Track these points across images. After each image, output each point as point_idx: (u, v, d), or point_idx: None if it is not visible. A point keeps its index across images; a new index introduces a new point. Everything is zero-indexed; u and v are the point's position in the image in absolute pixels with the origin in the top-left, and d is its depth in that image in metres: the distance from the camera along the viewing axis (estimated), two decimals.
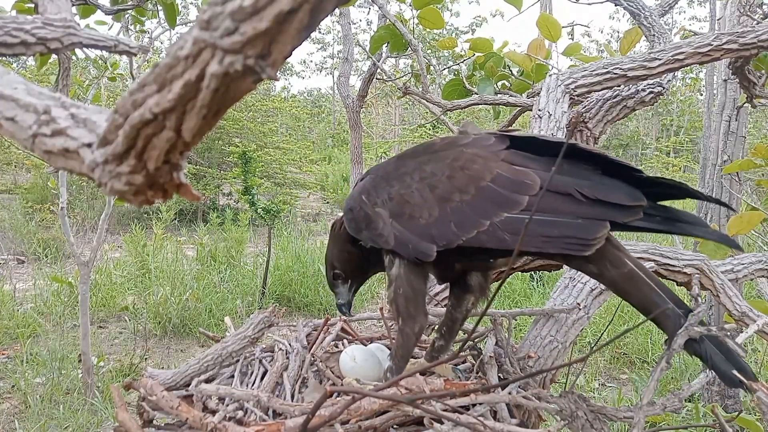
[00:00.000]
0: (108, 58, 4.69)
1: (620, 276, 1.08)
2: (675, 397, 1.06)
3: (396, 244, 1.14)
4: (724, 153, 4.95)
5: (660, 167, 17.09)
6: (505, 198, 1.05)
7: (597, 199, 1.02)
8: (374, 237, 1.18)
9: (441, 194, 1.10)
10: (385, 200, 1.17)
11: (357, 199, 1.22)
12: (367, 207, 1.19)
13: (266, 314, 1.43)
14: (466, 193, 1.08)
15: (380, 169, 1.26)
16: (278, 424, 1.05)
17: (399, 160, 1.24)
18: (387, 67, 7.98)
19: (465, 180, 1.09)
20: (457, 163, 1.12)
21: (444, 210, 1.09)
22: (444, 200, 1.10)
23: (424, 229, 1.11)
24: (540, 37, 2.53)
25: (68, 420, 4.46)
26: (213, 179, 13.13)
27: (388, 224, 1.15)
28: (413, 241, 1.11)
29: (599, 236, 1.00)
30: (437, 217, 1.10)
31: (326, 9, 0.43)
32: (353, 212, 1.22)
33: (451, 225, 1.08)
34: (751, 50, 1.68)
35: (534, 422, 1.40)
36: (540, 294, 7.37)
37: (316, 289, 7.74)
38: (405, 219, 1.13)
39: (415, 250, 1.11)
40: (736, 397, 4.84)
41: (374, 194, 1.19)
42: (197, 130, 0.50)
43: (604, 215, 1.01)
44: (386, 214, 1.16)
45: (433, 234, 1.10)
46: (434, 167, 1.14)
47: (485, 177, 1.08)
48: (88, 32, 1.34)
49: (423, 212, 1.11)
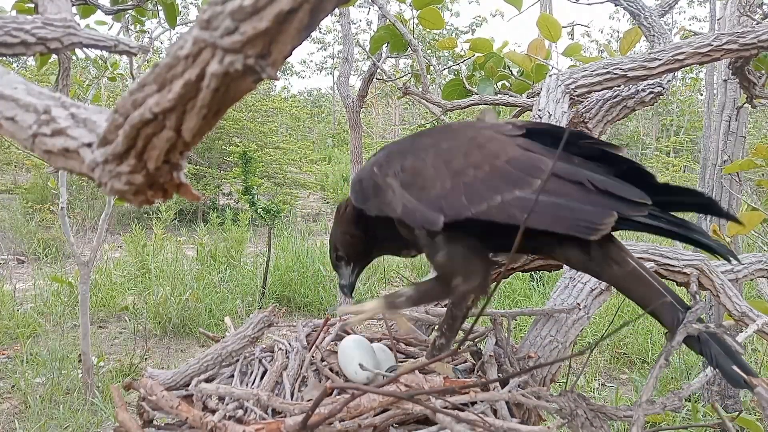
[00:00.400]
0: (108, 58, 4.69)
1: (623, 274, 1.10)
2: (675, 397, 1.06)
3: (403, 212, 1.13)
4: (724, 153, 4.96)
5: (660, 167, 17.09)
6: (519, 177, 1.06)
7: (606, 190, 1.04)
8: (381, 205, 1.17)
9: (455, 168, 1.11)
10: (397, 171, 1.16)
11: (368, 170, 1.22)
12: (378, 177, 1.18)
13: (266, 314, 1.43)
14: (481, 170, 1.09)
15: (395, 145, 1.25)
16: (278, 423, 1.05)
17: (415, 137, 1.24)
18: (387, 67, 7.98)
19: (480, 157, 1.10)
20: (474, 142, 1.13)
21: (457, 183, 1.10)
22: (458, 174, 1.10)
23: (434, 200, 1.11)
24: (540, 37, 2.53)
25: (68, 420, 4.46)
26: (213, 179, 13.13)
27: (398, 194, 1.15)
28: (420, 209, 1.11)
29: (606, 222, 1.01)
30: (449, 189, 1.10)
31: (326, 9, 0.43)
32: (362, 183, 1.22)
33: (462, 198, 1.08)
34: (751, 50, 1.68)
35: (534, 421, 1.40)
36: (540, 294, 7.37)
37: (316, 289, 7.75)
38: (416, 189, 1.13)
39: (422, 218, 1.11)
40: (736, 397, 4.85)
41: (386, 166, 1.19)
42: (197, 129, 0.50)
43: (612, 206, 1.03)
44: (397, 184, 1.15)
45: (442, 205, 1.10)
46: (450, 144, 1.15)
47: (500, 156, 1.09)
48: (88, 32, 1.34)
49: (435, 184, 1.11)
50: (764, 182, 2.71)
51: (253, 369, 1.45)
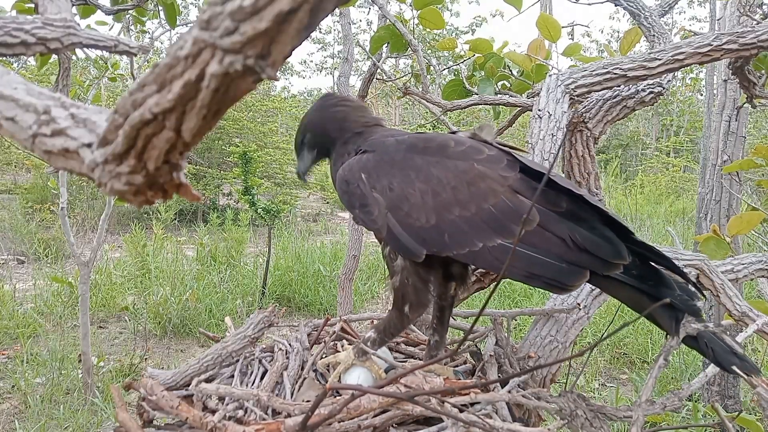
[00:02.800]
0: (108, 58, 4.69)
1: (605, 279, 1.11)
2: (675, 397, 1.06)
3: (388, 236, 1.16)
4: (724, 153, 4.95)
5: (660, 167, 17.09)
6: (503, 226, 1.08)
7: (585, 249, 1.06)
8: (366, 220, 1.19)
9: (442, 203, 1.12)
10: (384, 188, 1.17)
11: (356, 174, 1.22)
12: (365, 187, 1.19)
13: (266, 314, 1.43)
14: (467, 210, 1.11)
15: (385, 151, 1.23)
16: (278, 423, 1.05)
17: (408, 150, 1.21)
18: (387, 67, 7.98)
19: (468, 196, 1.11)
20: (465, 177, 1.13)
21: (441, 220, 1.11)
22: (444, 210, 1.12)
23: (419, 231, 1.13)
24: (540, 37, 2.53)
25: (68, 420, 4.46)
26: (213, 179, 13.13)
27: (383, 214, 1.16)
28: (405, 238, 1.14)
29: (577, 284, 1.07)
30: (434, 225, 1.12)
31: (326, 9, 0.43)
32: (349, 185, 1.22)
33: (445, 236, 1.11)
34: (751, 50, 1.67)
35: (534, 422, 1.40)
36: (540, 294, 7.36)
37: (316, 289, 7.75)
38: (401, 215, 1.15)
39: (405, 248, 1.14)
40: (737, 397, 4.84)
41: (374, 177, 1.19)
42: (197, 130, 0.50)
43: (587, 265, 1.06)
44: (383, 203, 1.17)
45: (425, 238, 1.12)
46: (441, 172, 1.15)
47: (488, 199, 1.10)
48: (88, 32, 1.34)
49: (420, 215, 1.13)
50: (764, 182, 2.71)
51: (253, 369, 1.45)
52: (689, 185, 15.19)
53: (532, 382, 1.40)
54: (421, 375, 1.25)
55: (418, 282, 1.23)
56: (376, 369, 1.36)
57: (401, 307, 1.26)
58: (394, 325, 1.31)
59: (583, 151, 1.98)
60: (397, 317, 1.29)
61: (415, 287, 1.23)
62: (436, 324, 1.39)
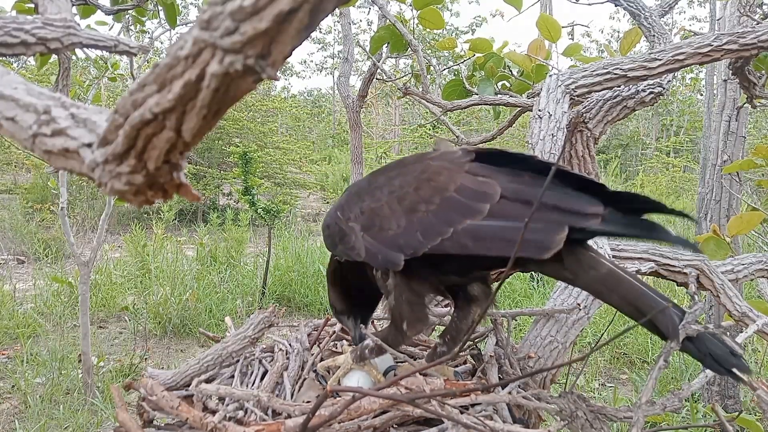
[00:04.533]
0: (108, 58, 4.69)
1: (599, 276, 1.08)
2: (675, 397, 1.06)
3: (367, 255, 1.17)
4: (724, 153, 4.96)
5: (660, 167, 17.09)
6: (468, 207, 1.08)
7: (555, 206, 1.04)
8: (347, 250, 1.22)
9: (408, 206, 1.14)
10: (357, 215, 1.21)
11: (333, 216, 1.27)
12: (342, 222, 1.23)
13: (266, 314, 1.43)
14: (432, 204, 1.12)
15: (354, 186, 1.31)
16: (278, 424, 1.05)
17: (372, 176, 1.28)
18: (387, 67, 7.98)
19: (430, 191, 1.13)
20: (424, 176, 1.16)
21: (411, 220, 1.13)
22: (411, 211, 1.13)
23: (393, 239, 1.14)
24: (540, 37, 2.53)
25: (68, 420, 4.46)
26: (213, 179, 13.13)
27: (360, 238, 1.19)
28: (382, 251, 1.15)
29: (557, 238, 1.01)
30: (405, 227, 1.13)
31: (326, 9, 0.43)
32: (329, 228, 1.27)
33: (417, 234, 1.11)
34: (751, 50, 1.67)
35: (534, 422, 1.40)
36: (540, 294, 7.37)
37: (316, 289, 7.75)
38: (375, 231, 1.17)
39: (384, 260, 1.15)
40: (737, 397, 4.84)
41: (347, 210, 1.23)
42: (197, 130, 0.50)
43: (563, 220, 1.03)
44: (358, 227, 1.20)
45: (400, 243, 1.13)
46: (402, 180, 1.18)
47: (449, 188, 1.11)
48: (88, 32, 1.34)
49: (392, 223, 1.15)
50: (764, 182, 2.70)
51: (253, 369, 1.45)
52: (689, 185, 15.20)
53: (533, 383, 1.40)
54: (421, 377, 1.25)
55: (411, 296, 1.23)
56: (375, 373, 1.36)
57: (399, 324, 1.27)
58: (393, 340, 1.32)
59: (584, 151, 1.98)
60: (395, 333, 1.30)
61: (409, 302, 1.23)
62: (448, 339, 1.38)
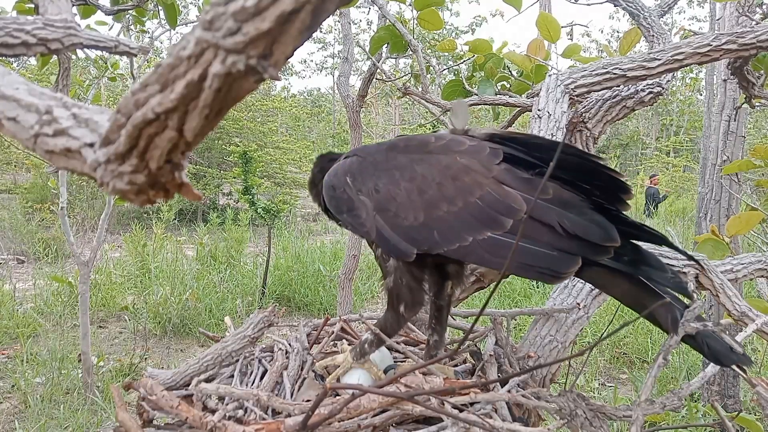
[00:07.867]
0: (108, 58, 4.69)
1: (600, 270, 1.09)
2: (674, 396, 1.06)
3: (377, 238, 1.16)
4: (723, 153, 4.96)
5: (660, 167, 17.09)
6: (491, 218, 1.08)
7: (575, 234, 1.05)
8: (355, 224, 1.19)
9: (429, 200, 1.12)
10: (370, 191, 1.17)
11: (341, 179, 1.22)
12: (351, 191, 1.19)
13: (266, 314, 1.43)
14: (454, 205, 1.10)
15: (368, 154, 1.25)
16: (278, 423, 1.05)
17: (390, 150, 1.23)
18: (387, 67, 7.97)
19: (454, 191, 1.11)
20: (449, 172, 1.13)
21: (430, 217, 1.11)
22: (431, 207, 1.12)
23: (408, 231, 1.13)
24: (539, 37, 2.53)
25: (68, 420, 4.46)
26: (213, 179, 13.14)
27: (371, 216, 1.16)
28: (395, 239, 1.14)
29: (570, 271, 1.05)
30: (422, 222, 1.12)
31: (328, 10, 0.43)
32: (335, 191, 1.23)
33: (435, 233, 1.10)
34: (750, 50, 1.68)
35: (534, 421, 1.40)
36: (540, 294, 7.37)
37: (316, 289, 7.75)
38: (389, 216, 1.15)
39: (396, 248, 1.14)
40: (736, 397, 4.85)
41: (360, 180, 1.19)
42: (199, 129, 0.51)
43: (578, 251, 1.05)
44: (370, 205, 1.17)
45: (415, 237, 1.12)
46: (425, 169, 1.15)
47: (474, 193, 1.10)
48: (88, 33, 1.34)
49: (408, 214, 1.13)
50: (764, 182, 2.71)
51: (253, 369, 1.45)
52: (689, 185, 15.21)
53: (532, 382, 1.40)
54: (420, 375, 1.25)
55: (411, 281, 1.23)
56: (375, 371, 1.36)
57: (396, 307, 1.27)
58: (391, 326, 1.31)
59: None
60: (393, 317, 1.29)
61: (409, 287, 1.23)
62: (434, 324, 1.40)
